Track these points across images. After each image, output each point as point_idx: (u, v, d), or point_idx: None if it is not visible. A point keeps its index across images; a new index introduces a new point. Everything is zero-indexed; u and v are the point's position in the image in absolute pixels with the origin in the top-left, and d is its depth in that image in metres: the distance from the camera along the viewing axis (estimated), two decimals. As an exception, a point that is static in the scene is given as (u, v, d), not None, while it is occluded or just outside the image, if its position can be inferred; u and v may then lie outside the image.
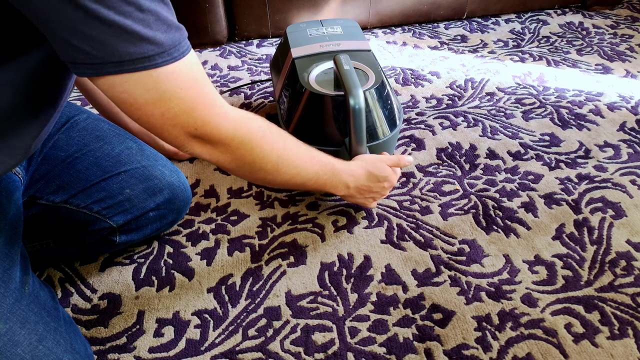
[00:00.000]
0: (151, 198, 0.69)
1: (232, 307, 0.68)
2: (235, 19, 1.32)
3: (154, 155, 0.72)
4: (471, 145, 0.96)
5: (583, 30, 1.38)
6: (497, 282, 0.70)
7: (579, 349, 0.61)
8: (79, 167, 0.67)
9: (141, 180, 0.69)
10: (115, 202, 0.67)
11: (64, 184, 0.66)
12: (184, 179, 0.74)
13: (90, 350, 0.59)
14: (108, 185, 0.67)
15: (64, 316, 0.57)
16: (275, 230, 0.79)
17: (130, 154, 0.70)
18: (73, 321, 0.59)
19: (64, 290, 0.71)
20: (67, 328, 0.55)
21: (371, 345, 0.63)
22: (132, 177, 0.68)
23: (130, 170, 0.69)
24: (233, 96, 1.14)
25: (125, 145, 0.71)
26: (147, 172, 0.70)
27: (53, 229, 0.69)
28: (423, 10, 1.40)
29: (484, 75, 1.18)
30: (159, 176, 0.70)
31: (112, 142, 0.70)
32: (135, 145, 0.72)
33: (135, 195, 0.68)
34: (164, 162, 0.73)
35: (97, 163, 0.68)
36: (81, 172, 0.66)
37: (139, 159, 0.70)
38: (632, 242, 0.75)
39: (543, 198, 0.83)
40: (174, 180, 0.71)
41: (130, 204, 0.68)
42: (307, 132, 0.80)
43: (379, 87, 0.80)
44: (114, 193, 0.67)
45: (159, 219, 0.72)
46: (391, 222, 0.80)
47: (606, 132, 0.98)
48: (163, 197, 0.70)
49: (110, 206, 0.67)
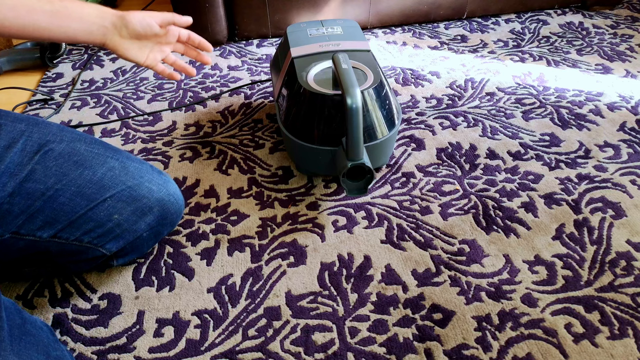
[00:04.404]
0: (141, 219, 0.67)
1: (232, 307, 0.68)
2: (235, 19, 1.33)
3: (138, 172, 0.68)
4: (471, 145, 0.96)
5: (583, 30, 1.38)
6: (497, 282, 0.70)
7: (579, 349, 0.61)
8: (61, 200, 0.62)
9: (128, 202, 0.65)
10: (105, 230, 0.65)
11: (49, 219, 0.62)
12: (173, 188, 0.71)
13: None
14: (95, 215, 0.64)
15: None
16: (275, 230, 0.79)
17: (114, 176, 0.66)
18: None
19: (64, 290, 0.71)
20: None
21: (371, 345, 0.63)
22: (119, 201, 0.65)
23: (115, 195, 0.65)
24: (233, 96, 1.14)
25: (106, 166, 0.66)
26: (134, 193, 0.66)
27: (45, 259, 0.67)
28: (423, 10, 1.40)
29: (484, 75, 1.18)
30: (146, 194, 0.67)
31: (92, 165, 0.65)
32: (117, 164, 0.67)
33: (124, 219, 0.65)
34: (150, 176, 0.69)
35: (80, 192, 0.63)
36: (65, 205, 0.62)
37: (123, 180, 0.66)
38: (632, 242, 0.75)
39: (543, 198, 0.83)
40: (163, 195, 0.68)
41: (120, 229, 0.65)
42: (305, 132, 0.80)
43: (378, 87, 0.80)
44: (102, 221, 0.64)
45: (154, 236, 0.71)
46: (391, 222, 0.80)
47: (606, 132, 0.98)
48: (154, 215, 0.68)
49: (100, 235, 0.65)
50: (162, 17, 0.69)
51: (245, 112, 1.08)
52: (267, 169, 0.92)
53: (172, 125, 1.04)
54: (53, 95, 1.17)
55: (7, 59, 1.26)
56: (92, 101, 1.14)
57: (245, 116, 1.06)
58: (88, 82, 1.21)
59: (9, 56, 1.27)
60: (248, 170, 0.92)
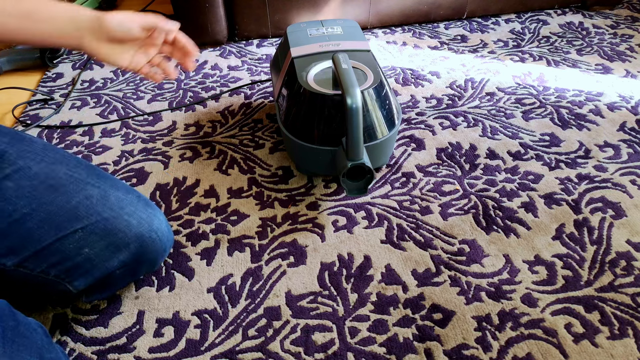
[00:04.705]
0: (115, 255, 0.61)
1: (232, 307, 0.68)
2: (235, 19, 1.32)
3: (119, 202, 0.62)
4: (471, 145, 0.96)
5: (583, 30, 1.38)
6: (497, 282, 0.70)
7: (579, 349, 0.61)
8: (29, 225, 0.58)
9: (102, 236, 0.60)
10: (73, 264, 0.59)
11: (14, 246, 0.57)
12: (158, 224, 0.64)
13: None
14: (63, 246, 0.58)
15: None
16: (275, 230, 0.79)
17: (90, 205, 0.60)
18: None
19: (64, 290, 0.71)
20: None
21: (371, 345, 0.63)
22: (91, 233, 0.59)
23: (88, 226, 0.59)
24: (233, 96, 1.14)
25: (84, 194, 0.61)
26: (109, 226, 0.60)
27: (9, 289, 0.61)
28: (423, 10, 1.40)
29: (484, 75, 1.18)
30: (123, 229, 0.61)
31: (67, 192, 0.60)
32: (96, 192, 0.62)
33: (95, 254, 0.60)
34: (133, 209, 0.63)
35: (49, 220, 0.58)
36: (32, 232, 0.58)
37: (99, 211, 0.60)
38: (632, 242, 0.75)
39: (543, 198, 0.83)
40: (144, 231, 0.62)
41: (90, 264, 0.60)
42: (305, 132, 0.80)
43: (377, 86, 0.80)
44: (70, 254, 0.59)
45: (130, 274, 0.65)
46: (391, 222, 0.80)
47: (606, 132, 0.98)
48: (129, 252, 0.61)
49: (68, 269, 0.59)
50: (145, 20, 0.62)
51: (245, 112, 1.08)
52: (267, 169, 0.92)
53: (172, 125, 1.04)
54: (53, 95, 1.17)
55: (7, 59, 1.26)
56: (92, 101, 1.14)
57: (245, 116, 1.06)
58: (88, 82, 1.21)
59: (9, 56, 1.27)
60: (248, 170, 0.92)
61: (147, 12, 1.49)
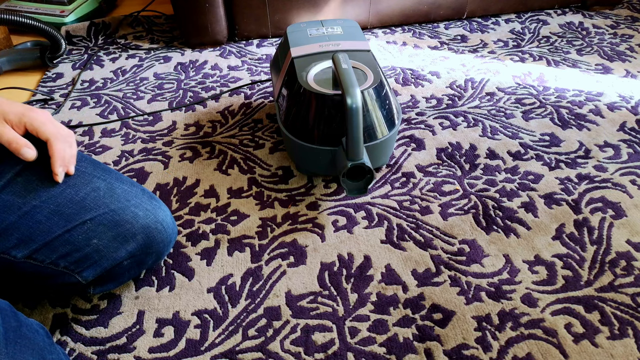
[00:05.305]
0: (122, 246, 0.62)
1: (232, 307, 0.68)
2: (235, 19, 1.33)
3: (125, 195, 0.64)
4: (471, 145, 0.96)
5: (583, 30, 1.38)
6: (497, 282, 0.70)
7: (579, 349, 0.61)
8: (38, 217, 0.59)
9: (110, 227, 0.61)
10: (82, 255, 0.60)
11: (25, 238, 0.59)
12: (163, 216, 0.66)
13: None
14: (72, 237, 0.60)
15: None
16: (275, 230, 0.79)
17: (97, 197, 0.62)
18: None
19: (64, 290, 0.71)
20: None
21: (371, 345, 0.63)
22: (99, 224, 0.61)
23: (96, 217, 0.61)
24: (233, 96, 1.14)
25: (91, 186, 0.62)
26: (117, 217, 0.62)
27: (19, 281, 0.64)
28: (423, 10, 1.40)
29: (484, 75, 1.18)
30: (130, 220, 0.62)
31: (76, 184, 0.62)
32: (103, 185, 0.63)
33: (104, 245, 0.61)
34: (139, 201, 0.64)
35: (58, 211, 0.60)
36: (42, 223, 0.59)
37: (107, 202, 0.62)
38: (632, 242, 0.75)
39: (543, 198, 0.83)
40: (150, 222, 0.63)
41: (98, 255, 0.61)
42: (305, 132, 0.80)
43: (377, 86, 0.80)
44: (79, 245, 0.60)
45: (137, 265, 0.66)
46: (391, 222, 0.80)
47: (606, 132, 0.98)
48: (137, 243, 0.63)
49: (77, 260, 0.61)
50: (3, 139, 0.57)
51: (245, 112, 1.08)
52: (267, 169, 0.92)
53: (172, 125, 1.04)
54: (53, 95, 1.17)
55: (7, 59, 1.26)
56: (92, 101, 1.14)
57: (245, 116, 1.06)
58: (88, 82, 1.21)
59: (9, 56, 1.27)
60: (248, 170, 0.92)
61: (147, 12, 1.49)
